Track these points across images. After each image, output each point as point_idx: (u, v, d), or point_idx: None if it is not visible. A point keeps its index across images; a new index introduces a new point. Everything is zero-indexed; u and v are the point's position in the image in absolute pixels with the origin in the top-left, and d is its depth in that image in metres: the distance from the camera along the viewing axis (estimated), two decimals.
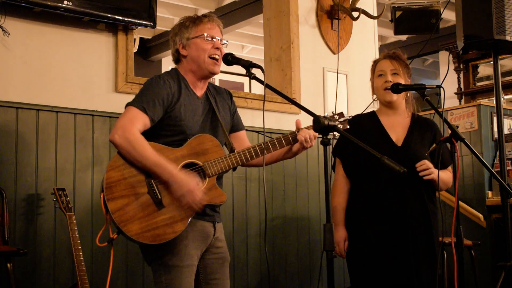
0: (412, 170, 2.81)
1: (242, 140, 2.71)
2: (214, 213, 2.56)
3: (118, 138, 2.35)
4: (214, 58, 2.53)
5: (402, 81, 2.95)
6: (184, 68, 2.58)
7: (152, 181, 2.37)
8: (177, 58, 2.61)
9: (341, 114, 2.62)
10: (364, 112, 3.22)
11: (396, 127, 3.00)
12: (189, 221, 2.39)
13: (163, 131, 2.46)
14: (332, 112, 2.63)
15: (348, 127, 2.59)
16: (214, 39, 2.53)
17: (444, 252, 3.95)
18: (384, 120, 3.02)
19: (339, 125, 2.57)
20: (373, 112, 3.09)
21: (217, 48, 2.53)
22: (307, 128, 2.55)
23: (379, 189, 2.89)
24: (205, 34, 2.52)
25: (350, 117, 2.62)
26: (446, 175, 2.97)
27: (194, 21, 2.57)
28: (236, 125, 2.73)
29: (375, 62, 3.08)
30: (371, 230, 2.89)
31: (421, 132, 2.99)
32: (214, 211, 2.57)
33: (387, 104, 3.01)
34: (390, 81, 2.94)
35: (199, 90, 2.59)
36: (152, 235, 2.33)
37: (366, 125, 3.00)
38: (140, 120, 2.39)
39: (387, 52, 3.06)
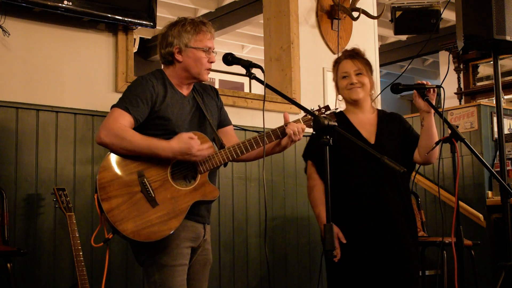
0: (387, 166, 2.77)
1: (230, 135, 2.72)
2: (205, 215, 2.58)
3: (104, 136, 2.37)
4: (208, 69, 2.58)
5: (367, 79, 2.98)
6: (172, 72, 2.59)
7: (145, 179, 2.38)
8: (168, 61, 2.60)
9: (327, 107, 2.62)
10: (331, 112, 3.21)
11: (365, 125, 3.00)
12: (184, 217, 2.40)
13: (153, 131, 2.47)
14: (318, 106, 2.63)
15: (335, 120, 2.59)
16: (211, 51, 2.56)
17: (444, 252, 3.95)
18: (352, 118, 3.02)
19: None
20: (341, 112, 3.08)
21: (212, 62, 2.58)
22: (295, 121, 2.58)
23: (357, 189, 2.88)
24: (205, 48, 2.54)
25: (336, 110, 2.62)
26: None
27: (195, 28, 2.55)
28: (223, 121, 2.75)
29: (337, 63, 3.07)
30: (350, 230, 2.84)
31: (389, 127, 3.01)
32: (207, 211, 2.59)
33: (353, 103, 3.01)
34: (356, 82, 2.96)
35: (185, 90, 2.62)
36: (148, 232, 2.33)
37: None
38: (124, 119, 2.41)
39: (347, 51, 3.07)
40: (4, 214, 3.05)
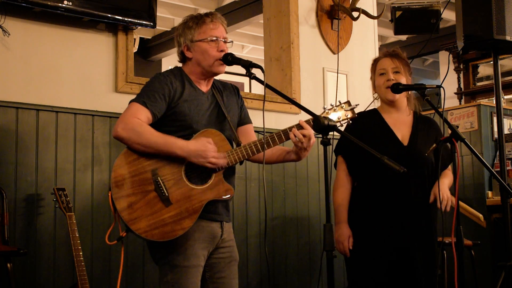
0: (417, 168, 2.80)
1: (248, 134, 2.71)
2: (223, 212, 2.55)
3: (121, 130, 2.36)
4: (220, 60, 2.52)
5: (404, 79, 2.96)
6: (189, 69, 2.59)
7: (159, 178, 2.37)
8: (182, 59, 2.62)
9: (348, 103, 2.55)
10: (365, 110, 3.21)
11: (400, 125, 2.99)
12: (198, 216, 2.38)
13: (170, 127, 2.47)
14: (339, 101, 2.56)
15: (356, 115, 2.53)
16: (219, 40, 2.53)
17: (444, 252, 3.95)
18: (387, 117, 3.01)
19: (346, 114, 2.51)
20: (375, 109, 3.08)
21: (222, 50, 2.53)
22: (307, 121, 2.47)
23: (382, 188, 2.89)
24: (209, 38, 2.52)
25: (357, 105, 2.57)
26: (447, 180, 2.97)
27: (197, 22, 2.56)
28: (243, 118, 2.74)
29: (376, 61, 3.08)
30: (373, 229, 2.89)
31: (425, 130, 2.99)
32: (225, 208, 2.56)
33: (389, 103, 3.01)
34: (392, 79, 2.94)
35: (204, 87, 2.60)
36: (160, 232, 2.33)
37: (369, 123, 2.99)
38: (142, 114, 2.40)
39: (387, 50, 3.07)
40: (4, 214, 3.05)
